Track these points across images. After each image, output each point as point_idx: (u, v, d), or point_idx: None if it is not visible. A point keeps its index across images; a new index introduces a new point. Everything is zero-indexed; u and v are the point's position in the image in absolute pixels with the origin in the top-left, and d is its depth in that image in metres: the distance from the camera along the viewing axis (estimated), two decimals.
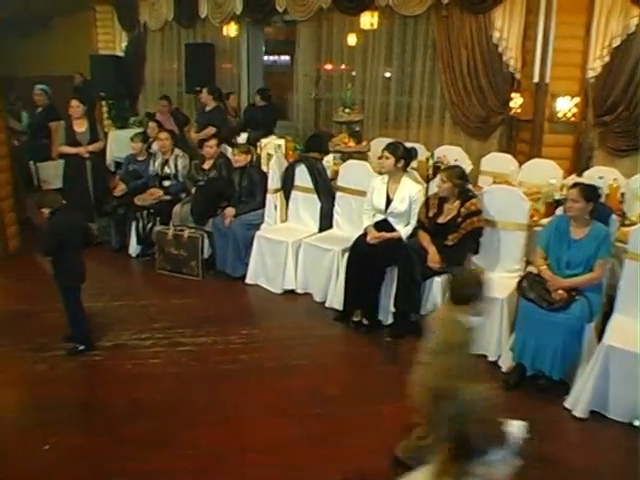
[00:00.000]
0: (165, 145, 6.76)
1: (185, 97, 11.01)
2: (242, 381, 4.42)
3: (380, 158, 5.33)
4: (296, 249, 5.80)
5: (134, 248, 6.82)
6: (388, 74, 8.77)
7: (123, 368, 4.58)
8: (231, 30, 10.03)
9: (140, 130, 8.37)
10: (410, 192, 5.15)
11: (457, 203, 4.90)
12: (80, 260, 4.71)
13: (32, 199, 4.65)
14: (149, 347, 4.86)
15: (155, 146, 7.16)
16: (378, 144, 6.72)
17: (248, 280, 6.08)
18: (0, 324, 5.43)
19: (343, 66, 9.19)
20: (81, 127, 6.95)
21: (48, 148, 8.15)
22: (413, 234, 5.13)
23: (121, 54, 12.65)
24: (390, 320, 5.18)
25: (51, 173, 8.02)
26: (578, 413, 4.03)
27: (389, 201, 5.23)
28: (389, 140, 6.00)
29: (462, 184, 4.92)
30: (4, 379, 4.58)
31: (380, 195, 5.27)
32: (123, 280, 6.39)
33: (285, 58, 13.63)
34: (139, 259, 6.82)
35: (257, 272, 6.04)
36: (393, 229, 5.20)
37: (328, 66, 9.44)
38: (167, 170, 6.80)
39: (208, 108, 8.37)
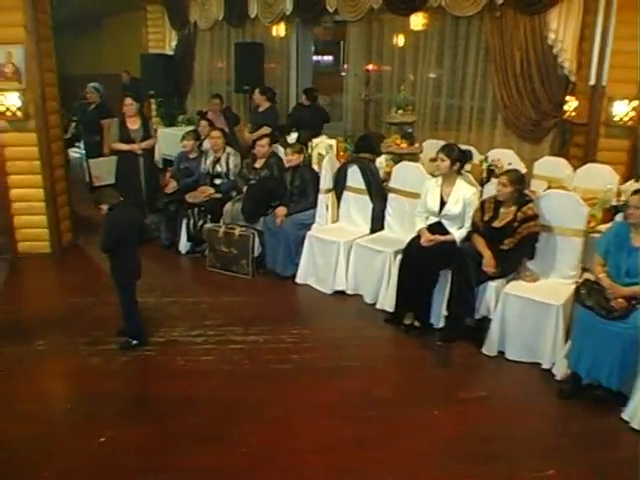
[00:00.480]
0: (217, 144, 6.81)
1: (234, 96, 11.06)
2: (293, 381, 4.42)
3: (435, 160, 5.28)
4: (347, 250, 5.78)
5: (184, 245, 6.89)
6: (433, 75, 8.68)
7: (175, 364, 4.62)
8: (280, 30, 10.08)
9: (189, 128, 8.46)
10: (465, 195, 5.09)
11: (513, 207, 4.83)
12: (136, 256, 4.77)
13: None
14: (201, 344, 4.90)
15: (207, 144, 7.21)
16: (429, 146, 6.68)
17: (298, 280, 6.08)
18: (55, 317, 5.54)
19: (393, 67, 9.12)
20: (134, 124, 7.07)
21: (100, 145, 8.29)
22: (467, 237, 5.07)
23: (170, 53, 12.78)
24: (442, 324, 5.13)
25: (103, 169, 8.16)
26: (636, 425, 3.93)
27: (443, 203, 5.18)
28: (440, 142, 5.95)
29: (520, 188, 4.85)
30: (60, 371, 4.69)
31: (434, 197, 5.22)
32: (173, 277, 6.46)
33: (329, 58, 13.72)
34: (188, 256, 6.88)
35: (307, 272, 6.04)
36: (447, 232, 5.15)
37: (377, 67, 9.40)
38: (218, 168, 6.84)
39: (262, 108, 8.39)
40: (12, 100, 6.51)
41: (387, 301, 5.41)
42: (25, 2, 6.38)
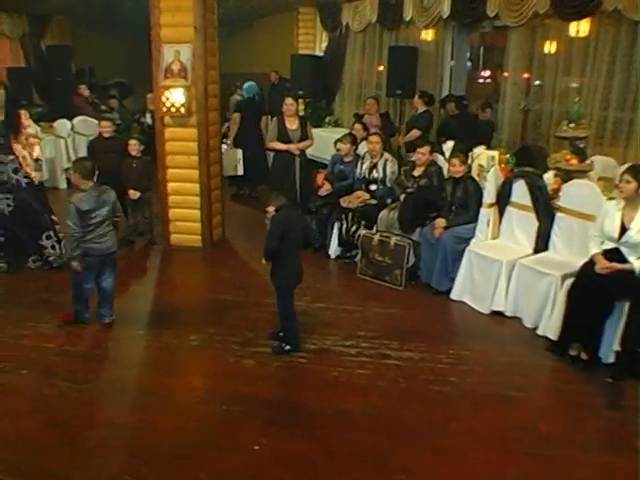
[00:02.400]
0: (375, 149, 6.67)
1: (384, 100, 10.89)
2: (454, 406, 4.19)
3: (620, 182, 4.85)
4: (509, 269, 5.46)
5: (334, 249, 6.81)
6: (602, 85, 8.08)
7: (329, 375, 4.51)
8: (435, 34, 9.79)
9: (337, 130, 8.42)
10: None
11: None
12: (299, 261, 4.70)
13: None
14: (355, 356, 4.76)
15: (362, 148, 7.10)
16: (598, 163, 6.21)
17: (453, 295, 5.83)
18: (206, 312, 5.63)
19: (556, 76, 8.61)
20: (293, 124, 7.09)
21: None
22: None
23: (320, 54, 12.83)
24: (612, 359, 4.71)
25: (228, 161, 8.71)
26: None
27: (624, 229, 4.75)
28: (606, 159, 5.49)
29: None
30: (214, 370, 4.71)
31: (613, 222, 4.79)
32: (324, 281, 6.38)
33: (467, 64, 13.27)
34: (338, 261, 6.80)
35: (464, 288, 5.77)
36: (625, 260, 4.72)
37: (531, 75, 8.93)
38: (375, 174, 6.71)
39: (418, 112, 8.22)
40: (177, 96, 6.70)
41: (550, 328, 5.04)
42: (195, 3, 6.53)
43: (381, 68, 10.99)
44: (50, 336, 5.13)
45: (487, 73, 12.98)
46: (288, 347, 4.79)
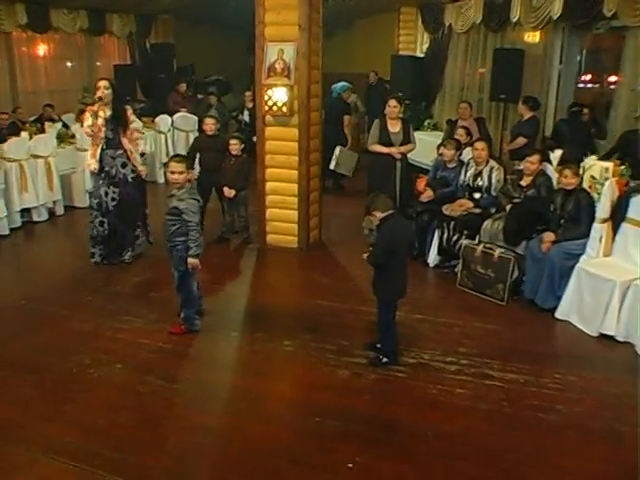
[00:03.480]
0: (481, 155, 6.38)
1: (486, 105, 10.51)
2: (563, 438, 3.86)
3: None
4: (623, 291, 5.06)
5: (433, 258, 6.56)
6: None
7: (428, 392, 4.30)
8: (543, 35, 9.34)
9: (435, 134, 8.16)
10: None
11: None
12: (406, 273, 4.51)
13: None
14: (455, 373, 4.52)
15: (466, 154, 6.82)
16: None
17: (559, 314, 5.47)
18: (301, 317, 5.50)
19: None
20: (395, 127, 6.89)
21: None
22: None
23: (421, 55, 12.58)
24: None
25: (346, 160, 9.05)
26: None
27: None
28: None
29: None
30: (307, 378, 4.55)
31: None
32: (422, 291, 6.11)
33: None
34: (436, 270, 6.55)
35: (571, 307, 5.40)
36: None
37: None
38: (479, 182, 6.42)
39: (524, 118, 7.85)
40: (279, 95, 6.63)
41: None
42: (301, 1, 6.44)
43: (482, 70, 10.63)
44: (145, 332, 5.15)
45: (588, 77, 12.33)
46: (386, 360, 4.59)
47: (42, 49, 11.65)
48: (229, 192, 7.08)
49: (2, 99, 10.66)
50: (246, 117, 11.52)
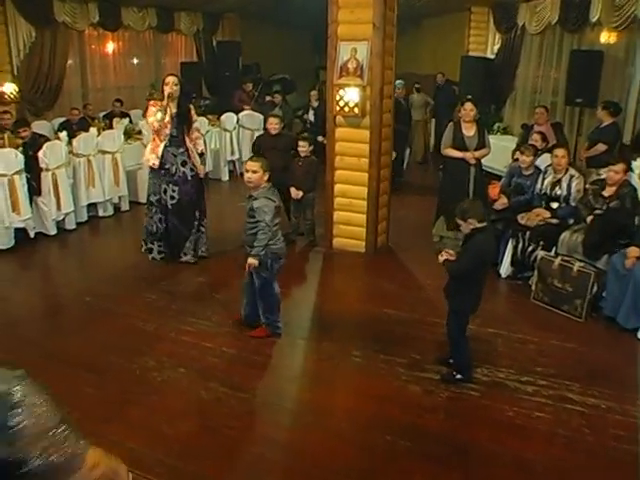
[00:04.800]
0: (560, 163, 6.06)
1: (560, 109, 10.11)
2: None
3: None
4: None
5: (506, 268, 6.26)
6: None
7: (504, 414, 4.06)
8: (623, 36, 8.91)
9: (506, 138, 7.86)
10: None
11: None
12: (483, 287, 4.28)
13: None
14: (532, 395, 4.26)
15: (542, 161, 6.52)
16: None
17: None
18: (370, 327, 5.33)
19: None
20: (470, 131, 6.63)
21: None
22: None
23: (492, 56, 12.25)
24: None
25: None
26: None
27: None
28: None
29: None
30: (378, 392, 4.35)
31: None
32: (494, 303, 5.80)
33: None
34: (509, 281, 6.26)
35: None
36: None
37: None
38: (558, 191, 6.10)
39: (603, 124, 7.48)
40: (351, 96, 6.46)
41: None
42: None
43: (555, 73, 10.26)
44: (209, 335, 5.07)
45: None
46: (459, 376, 4.38)
47: (111, 46, 11.83)
48: (296, 193, 6.97)
49: (73, 95, 10.86)
50: (311, 117, 11.41)
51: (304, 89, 14.35)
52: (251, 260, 4.67)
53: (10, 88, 8.82)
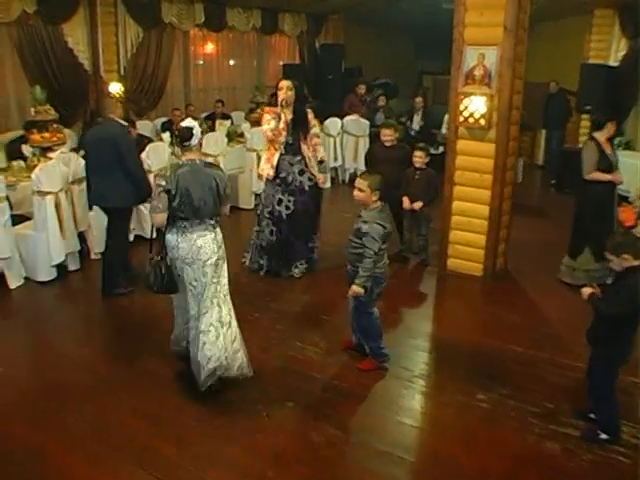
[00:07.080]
0: None
1: None
2: None
3: None
4: None
5: None
6: None
7: None
8: None
9: (628, 154, 7.09)
10: None
11: None
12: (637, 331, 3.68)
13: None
14: None
15: None
16: None
17: None
18: (492, 365, 4.73)
19: None
20: (608, 148, 5.85)
21: None
22: None
23: (614, 64, 11.34)
24: None
25: None
26: None
27: None
28: None
29: None
30: (511, 451, 3.74)
31: None
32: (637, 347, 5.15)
33: None
34: None
35: None
36: None
37: None
38: None
39: None
40: (477, 105, 5.91)
41: None
42: (509, 0, 5.67)
43: None
44: (318, 364, 4.64)
45: None
46: (605, 436, 3.76)
47: (214, 47, 11.73)
48: (417, 204, 6.43)
49: (176, 96, 10.79)
50: (415, 125, 10.90)
51: (406, 94, 13.86)
52: (356, 289, 4.26)
53: (117, 88, 8.73)
